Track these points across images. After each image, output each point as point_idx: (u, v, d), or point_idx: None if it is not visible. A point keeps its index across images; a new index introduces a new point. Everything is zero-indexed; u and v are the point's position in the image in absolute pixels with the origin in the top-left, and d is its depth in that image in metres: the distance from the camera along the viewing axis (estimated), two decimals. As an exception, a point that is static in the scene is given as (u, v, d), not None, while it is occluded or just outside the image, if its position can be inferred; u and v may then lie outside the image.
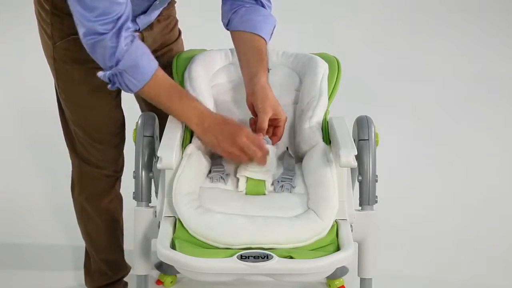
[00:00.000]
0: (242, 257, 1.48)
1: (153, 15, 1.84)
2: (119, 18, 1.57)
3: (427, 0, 4.65)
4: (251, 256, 1.48)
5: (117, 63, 1.61)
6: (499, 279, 2.36)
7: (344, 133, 1.70)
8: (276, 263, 1.47)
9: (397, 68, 3.84)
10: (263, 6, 1.85)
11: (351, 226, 1.66)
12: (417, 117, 3.40)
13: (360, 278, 1.79)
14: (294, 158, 1.82)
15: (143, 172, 1.73)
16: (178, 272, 2.00)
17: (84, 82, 1.78)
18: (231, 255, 1.48)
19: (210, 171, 1.74)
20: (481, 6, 4.55)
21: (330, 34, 4.06)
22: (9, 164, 3.02)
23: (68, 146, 1.95)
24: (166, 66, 1.86)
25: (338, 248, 1.55)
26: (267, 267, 1.47)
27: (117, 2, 1.56)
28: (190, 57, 1.91)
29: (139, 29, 1.80)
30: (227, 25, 1.86)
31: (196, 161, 1.71)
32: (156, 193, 1.75)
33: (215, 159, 1.79)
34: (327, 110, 1.84)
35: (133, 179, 1.76)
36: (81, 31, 1.60)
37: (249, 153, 1.67)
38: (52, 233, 2.57)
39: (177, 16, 2.00)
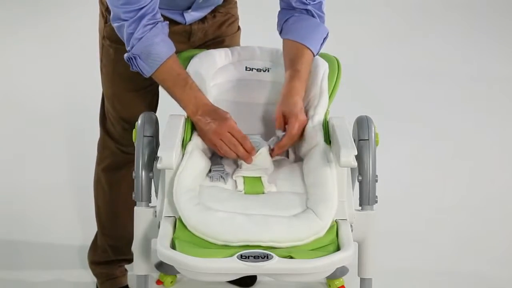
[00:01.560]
0: (242, 257, 1.48)
1: (202, 12, 1.95)
2: (141, 8, 1.73)
3: (428, 0, 4.65)
4: (251, 256, 1.48)
5: (132, 48, 1.76)
6: (499, 279, 2.36)
7: (344, 133, 1.70)
8: (276, 263, 1.47)
9: (397, 68, 3.84)
10: (312, 15, 1.90)
11: (351, 226, 1.66)
12: (417, 116, 3.40)
13: (360, 278, 1.79)
14: (295, 157, 1.84)
15: (143, 172, 1.73)
16: (178, 272, 2.00)
17: (120, 62, 1.87)
18: (231, 255, 1.48)
19: (210, 170, 1.75)
20: (482, 7, 4.55)
21: (330, 34, 4.05)
22: (9, 163, 3.02)
23: (99, 119, 2.11)
24: None
25: (338, 248, 1.55)
26: (267, 267, 1.47)
27: None
28: (190, 57, 1.92)
29: (185, 22, 1.93)
30: (280, 34, 1.93)
31: (197, 158, 1.71)
32: (156, 193, 1.75)
33: (215, 158, 1.79)
34: (327, 110, 1.84)
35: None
36: (111, 14, 1.79)
37: (229, 145, 1.72)
38: (53, 233, 2.57)
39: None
